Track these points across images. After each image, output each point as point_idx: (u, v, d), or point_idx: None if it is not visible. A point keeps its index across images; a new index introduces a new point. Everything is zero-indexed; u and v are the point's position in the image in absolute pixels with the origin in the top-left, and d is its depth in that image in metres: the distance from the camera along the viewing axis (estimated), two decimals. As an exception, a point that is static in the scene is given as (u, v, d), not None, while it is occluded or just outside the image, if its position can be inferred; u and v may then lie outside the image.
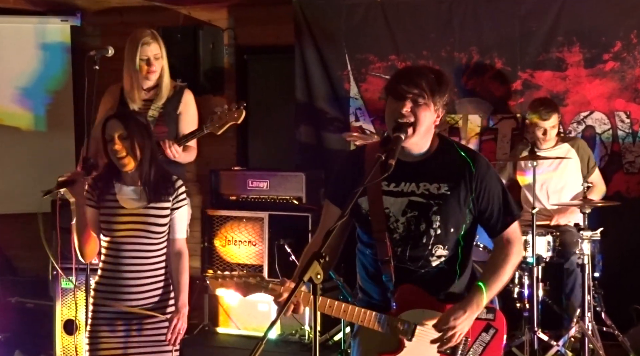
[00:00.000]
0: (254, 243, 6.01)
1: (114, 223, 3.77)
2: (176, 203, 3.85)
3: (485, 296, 3.02)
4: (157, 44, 4.89)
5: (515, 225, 3.12)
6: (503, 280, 3.07)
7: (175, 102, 4.92)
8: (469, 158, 3.06)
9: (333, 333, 5.63)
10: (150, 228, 3.77)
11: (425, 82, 2.94)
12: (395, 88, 2.96)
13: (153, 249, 3.80)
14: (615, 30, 5.86)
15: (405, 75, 2.99)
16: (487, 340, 3.07)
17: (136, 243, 3.77)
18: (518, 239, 3.12)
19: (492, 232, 3.13)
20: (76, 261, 4.99)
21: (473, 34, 6.20)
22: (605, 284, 5.49)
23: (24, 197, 6.93)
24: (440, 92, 2.97)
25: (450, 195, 3.01)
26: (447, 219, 3.02)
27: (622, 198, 5.78)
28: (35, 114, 7.23)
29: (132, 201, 3.79)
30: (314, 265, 2.53)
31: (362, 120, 6.56)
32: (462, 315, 2.96)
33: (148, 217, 3.77)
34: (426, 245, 3.03)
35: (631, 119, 5.89)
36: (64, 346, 5.50)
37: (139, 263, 3.78)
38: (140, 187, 3.79)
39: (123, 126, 3.74)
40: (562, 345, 5.10)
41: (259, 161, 7.20)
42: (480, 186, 3.03)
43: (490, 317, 3.08)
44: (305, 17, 6.62)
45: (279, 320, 2.71)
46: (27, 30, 7.16)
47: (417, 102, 2.94)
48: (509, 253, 3.09)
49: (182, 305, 3.87)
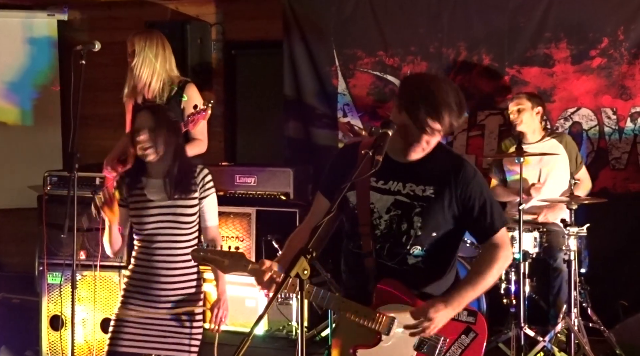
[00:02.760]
0: (241, 239, 6.00)
1: (144, 216, 3.85)
2: (204, 192, 3.92)
3: (469, 294, 3.02)
4: (134, 42, 4.96)
5: (502, 232, 3.12)
6: (488, 281, 3.07)
7: (178, 97, 4.97)
8: (457, 165, 3.07)
9: (320, 328, 5.63)
10: (179, 219, 3.84)
11: (449, 118, 2.91)
12: (418, 117, 2.90)
13: (184, 239, 3.87)
14: (603, 26, 5.87)
15: (433, 107, 2.89)
16: (466, 343, 3.05)
17: (167, 234, 3.84)
18: (506, 244, 3.12)
19: (480, 238, 3.15)
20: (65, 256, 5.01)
21: (461, 29, 6.21)
22: (592, 280, 5.51)
23: (10, 192, 6.92)
24: (459, 121, 2.97)
25: (434, 198, 3.03)
26: (428, 221, 3.03)
27: (609, 194, 5.79)
28: (22, 109, 7.20)
29: (159, 194, 3.85)
30: (300, 261, 2.55)
31: (350, 116, 6.55)
32: (441, 307, 2.97)
33: (176, 207, 3.84)
34: (405, 244, 3.05)
35: (617, 116, 5.91)
36: (50, 342, 5.48)
37: (171, 254, 3.85)
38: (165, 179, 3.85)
39: (152, 118, 3.82)
40: (548, 341, 5.12)
41: (247, 156, 7.20)
42: (465, 193, 3.04)
43: (470, 320, 3.07)
44: (293, 12, 6.61)
45: (265, 315, 2.71)
46: (14, 25, 7.13)
47: (435, 134, 2.95)
48: (496, 256, 3.08)
49: (222, 291, 3.97)
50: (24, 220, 5.29)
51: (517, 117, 5.62)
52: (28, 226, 5.05)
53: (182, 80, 5.04)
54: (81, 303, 5.26)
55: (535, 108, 5.62)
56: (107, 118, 7.03)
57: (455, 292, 3.03)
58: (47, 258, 5.29)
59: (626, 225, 5.87)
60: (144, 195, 3.87)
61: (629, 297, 5.75)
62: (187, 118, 4.63)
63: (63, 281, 5.02)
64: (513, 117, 5.65)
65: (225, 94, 7.19)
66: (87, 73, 4.56)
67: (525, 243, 5.23)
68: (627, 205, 5.87)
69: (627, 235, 5.84)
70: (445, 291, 3.09)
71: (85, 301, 5.31)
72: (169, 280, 3.85)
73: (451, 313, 3.00)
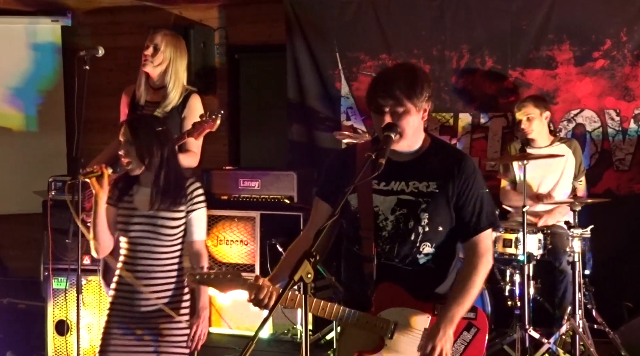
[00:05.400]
0: (245, 243, 6.01)
1: (129, 223, 3.84)
2: (191, 205, 3.87)
3: (458, 311, 3.01)
4: (162, 39, 4.89)
5: (487, 233, 3.10)
6: (473, 293, 3.05)
7: (181, 106, 4.91)
8: (458, 159, 3.09)
9: (325, 332, 5.63)
10: (159, 230, 3.82)
11: (399, 90, 2.93)
12: (372, 102, 2.98)
13: (164, 251, 3.84)
14: (605, 28, 5.87)
15: (379, 86, 2.97)
16: (468, 339, 3.08)
17: (147, 244, 3.83)
18: (487, 249, 3.11)
19: (464, 234, 3.11)
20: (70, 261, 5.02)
21: (464, 32, 6.21)
22: (596, 281, 5.51)
23: (15, 197, 6.94)
24: (417, 92, 2.96)
25: (438, 193, 3.04)
26: (435, 217, 3.04)
27: (613, 195, 5.79)
28: (26, 114, 7.23)
29: (145, 203, 3.84)
30: (304, 264, 2.54)
31: (354, 119, 6.56)
32: (439, 334, 2.97)
33: (157, 218, 3.81)
34: (414, 242, 3.05)
35: (621, 117, 5.91)
36: (55, 347, 5.49)
37: (151, 264, 3.83)
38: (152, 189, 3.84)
39: (130, 132, 3.83)
40: (553, 343, 5.12)
41: (251, 160, 7.20)
42: (463, 186, 3.05)
43: (471, 316, 3.09)
44: (296, 16, 6.62)
45: (270, 319, 2.71)
46: (18, 31, 7.16)
47: (396, 111, 2.95)
48: (477, 265, 3.07)
49: (202, 307, 3.87)
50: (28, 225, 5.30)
51: (529, 126, 5.57)
52: (33, 231, 5.06)
53: (188, 90, 5.01)
54: (86, 308, 5.27)
55: (544, 114, 5.61)
56: (111, 123, 7.01)
57: (446, 313, 3.01)
58: (52, 263, 5.30)
59: (630, 226, 5.86)
60: (132, 202, 3.87)
61: (633, 298, 5.75)
62: (194, 126, 4.61)
63: (68, 286, 5.03)
64: (524, 126, 5.57)
65: (229, 98, 7.21)
66: (91, 78, 4.56)
67: (529, 245, 5.23)
68: (631, 206, 5.86)
69: (631, 236, 5.83)
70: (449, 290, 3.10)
71: (90, 306, 5.33)
72: (148, 290, 3.82)
73: (450, 334, 3.00)
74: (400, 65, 3.14)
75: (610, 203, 5.43)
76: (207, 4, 7.05)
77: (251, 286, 2.97)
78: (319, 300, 3.01)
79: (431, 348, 2.97)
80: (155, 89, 4.94)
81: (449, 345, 3.00)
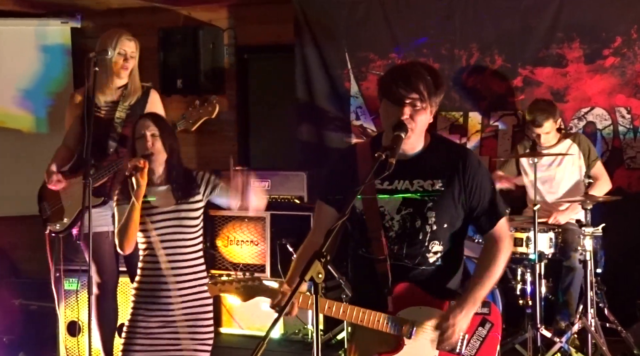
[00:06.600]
0: (256, 243, 6.01)
1: (152, 222, 3.88)
2: (208, 190, 4.00)
3: (480, 293, 3.03)
4: (134, 44, 4.92)
5: (503, 221, 3.12)
6: (495, 275, 3.08)
7: (142, 103, 4.94)
8: (461, 154, 3.08)
9: (336, 331, 5.63)
10: (184, 222, 3.89)
11: (424, 86, 2.91)
12: (393, 92, 2.92)
13: (189, 244, 3.92)
14: (615, 25, 5.85)
15: (403, 78, 2.92)
16: (483, 334, 3.09)
17: (171, 240, 3.88)
18: (506, 235, 3.13)
19: (482, 228, 3.13)
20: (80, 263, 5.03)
21: (473, 31, 6.20)
22: (608, 280, 5.50)
23: (26, 199, 6.94)
24: (438, 93, 2.96)
25: (444, 190, 3.02)
26: (442, 215, 3.03)
27: (624, 193, 5.77)
28: (36, 116, 7.24)
29: (163, 200, 3.90)
30: (315, 264, 2.54)
31: (363, 119, 6.56)
32: (460, 313, 2.99)
33: (180, 212, 3.89)
34: (422, 241, 3.04)
35: (632, 115, 5.88)
36: (67, 348, 5.50)
37: (177, 259, 3.89)
38: (169, 185, 3.91)
39: (155, 125, 3.90)
40: (565, 342, 5.10)
41: (261, 160, 7.20)
42: (472, 182, 3.04)
43: (485, 311, 3.10)
44: (305, 16, 6.62)
45: (281, 319, 2.71)
46: (28, 33, 7.17)
47: (416, 106, 2.93)
48: (499, 248, 3.09)
49: None
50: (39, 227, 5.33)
51: (547, 138, 5.56)
52: (44, 233, 5.08)
53: (145, 86, 5.02)
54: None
55: (557, 120, 5.58)
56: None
57: (469, 293, 3.03)
58: (63, 264, 5.31)
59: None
60: (147, 202, 3.90)
61: (645, 297, 5.73)
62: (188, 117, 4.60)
63: (79, 288, 5.04)
64: (544, 141, 5.55)
65: (238, 98, 7.21)
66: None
67: (540, 244, 5.22)
68: (642, 205, 5.84)
69: (643, 235, 5.82)
70: (458, 287, 3.11)
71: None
72: (177, 287, 3.87)
73: (470, 315, 3.02)
74: (418, 63, 3.11)
75: (621, 201, 5.41)
76: (216, 5, 7.05)
77: (274, 293, 2.99)
78: (339, 303, 3.01)
79: (450, 325, 2.97)
80: (115, 88, 4.94)
81: (465, 324, 3.00)
